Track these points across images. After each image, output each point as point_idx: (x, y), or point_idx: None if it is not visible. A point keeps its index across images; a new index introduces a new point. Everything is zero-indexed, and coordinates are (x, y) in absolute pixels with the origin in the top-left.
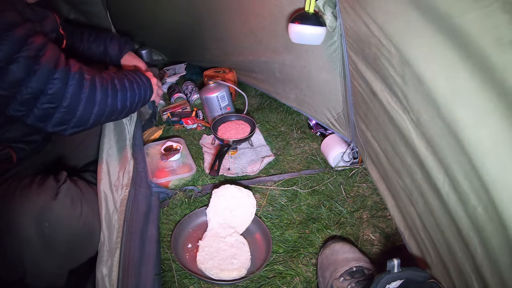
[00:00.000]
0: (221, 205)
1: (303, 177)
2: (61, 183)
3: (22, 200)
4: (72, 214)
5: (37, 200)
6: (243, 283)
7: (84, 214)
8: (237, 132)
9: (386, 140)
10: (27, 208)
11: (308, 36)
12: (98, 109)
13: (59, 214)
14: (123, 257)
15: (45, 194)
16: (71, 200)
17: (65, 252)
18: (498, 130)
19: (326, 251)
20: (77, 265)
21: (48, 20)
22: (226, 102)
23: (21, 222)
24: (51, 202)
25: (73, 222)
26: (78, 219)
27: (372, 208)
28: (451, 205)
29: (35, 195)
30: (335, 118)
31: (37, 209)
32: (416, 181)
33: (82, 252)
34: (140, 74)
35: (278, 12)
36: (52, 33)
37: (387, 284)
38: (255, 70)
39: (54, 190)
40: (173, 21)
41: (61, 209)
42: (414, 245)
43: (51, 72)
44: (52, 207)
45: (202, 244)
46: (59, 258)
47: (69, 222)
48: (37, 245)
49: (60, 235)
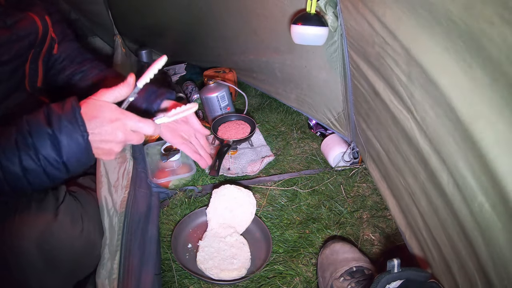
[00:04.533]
0: (221, 205)
1: (303, 177)
2: (60, 202)
3: (22, 225)
4: (73, 234)
5: (36, 224)
6: (243, 283)
7: (85, 231)
8: (237, 132)
9: (388, 140)
10: (27, 233)
11: (311, 37)
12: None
13: (60, 237)
14: (123, 258)
15: (44, 216)
16: (71, 218)
17: (69, 270)
18: (509, 126)
19: (326, 251)
20: (81, 278)
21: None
22: (226, 102)
23: (23, 247)
24: (51, 224)
25: (75, 241)
26: (80, 237)
27: (372, 208)
28: (456, 203)
29: (34, 219)
30: (335, 118)
31: (37, 234)
32: (420, 180)
33: (86, 267)
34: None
35: (279, 12)
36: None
37: (387, 284)
38: (256, 70)
39: (53, 210)
40: (174, 20)
41: (62, 231)
42: (416, 244)
43: None
44: (53, 231)
45: (202, 244)
46: (63, 276)
47: (71, 242)
48: (40, 267)
49: (62, 255)
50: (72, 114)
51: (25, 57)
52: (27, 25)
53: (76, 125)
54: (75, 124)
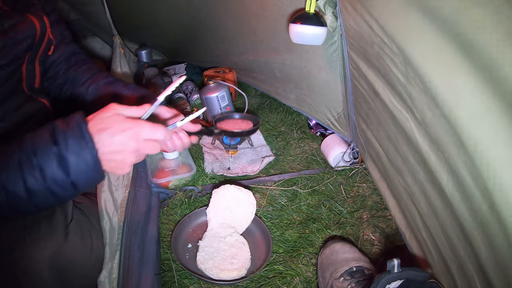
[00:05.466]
0: (221, 205)
1: (303, 177)
2: (69, 220)
3: (34, 247)
4: (83, 253)
5: (48, 245)
6: (243, 283)
7: (95, 247)
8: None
9: (388, 140)
10: (39, 255)
11: (309, 37)
12: None
13: (71, 258)
14: (123, 258)
15: (54, 238)
16: (81, 237)
17: (80, 285)
18: (503, 127)
19: (326, 251)
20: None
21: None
22: (226, 102)
23: (36, 269)
24: (63, 245)
25: (86, 260)
26: (90, 255)
27: (372, 208)
28: (455, 203)
29: (46, 240)
30: (335, 118)
31: (49, 255)
32: (419, 180)
33: (95, 282)
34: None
35: (278, 12)
36: (25, 40)
37: (387, 284)
38: (255, 70)
39: (63, 229)
40: (173, 20)
41: (73, 252)
42: (416, 244)
43: None
44: (64, 252)
45: (202, 244)
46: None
47: (82, 261)
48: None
49: (74, 274)
50: (79, 131)
51: (22, 60)
52: (25, 27)
53: (84, 142)
54: (82, 142)
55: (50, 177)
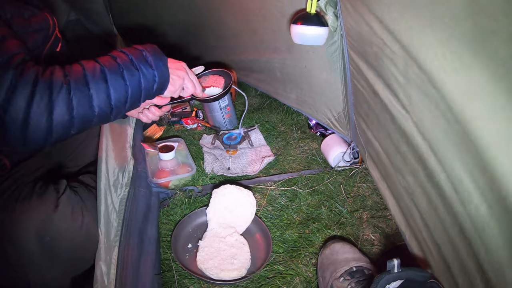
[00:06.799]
0: (221, 205)
1: (303, 177)
2: (61, 193)
3: (23, 214)
4: (73, 226)
5: (37, 214)
6: (243, 283)
7: (85, 224)
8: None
9: (387, 139)
10: (28, 222)
11: (311, 37)
12: (51, 123)
13: (60, 227)
14: (121, 255)
15: (44, 206)
16: (71, 211)
17: (68, 263)
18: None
19: (326, 251)
20: (80, 272)
21: (38, 18)
22: (226, 102)
23: (23, 236)
24: (51, 215)
25: (75, 233)
26: (80, 229)
27: (372, 208)
28: (455, 203)
29: (35, 209)
30: (335, 117)
31: (37, 223)
32: (419, 180)
33: (85, 261)
34: (149, 54)
35: (278, 12)
36: (41, 31)
37: (387, 284)
38: (256, 70)
39: (54, 201)
40: (174, 20)
41: (62, 222)
42: (416, 244)
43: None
44: (53, 221)
45: (202, 244)
46: (62, 269)
47: (71, 234)
48: (39, 258)
49: (62, 247)
50: (160, 52)
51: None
52: (41, 20)
53: (161, 55)
54: (162, 56)
55: (132, 86)
